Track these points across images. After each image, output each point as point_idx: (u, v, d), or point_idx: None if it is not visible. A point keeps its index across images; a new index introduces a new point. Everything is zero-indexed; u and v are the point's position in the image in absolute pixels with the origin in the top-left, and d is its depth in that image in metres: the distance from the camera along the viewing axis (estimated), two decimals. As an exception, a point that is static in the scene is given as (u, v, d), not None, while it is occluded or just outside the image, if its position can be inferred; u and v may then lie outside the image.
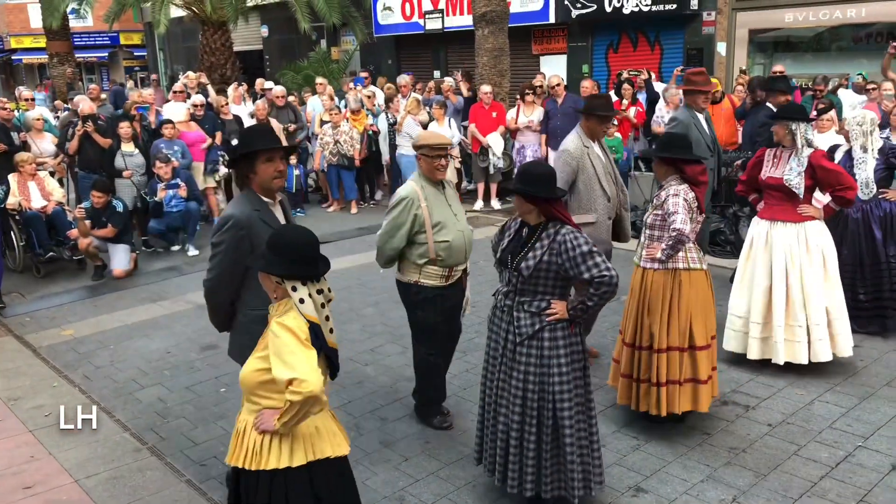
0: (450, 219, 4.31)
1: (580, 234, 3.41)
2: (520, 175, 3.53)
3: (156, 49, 25.11)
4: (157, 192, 8.73)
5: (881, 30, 11.40)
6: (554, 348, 3.47)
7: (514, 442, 3.55)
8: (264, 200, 3.52)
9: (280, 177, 3.50)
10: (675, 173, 4.29)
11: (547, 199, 3.43)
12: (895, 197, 5.82)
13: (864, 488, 3.87)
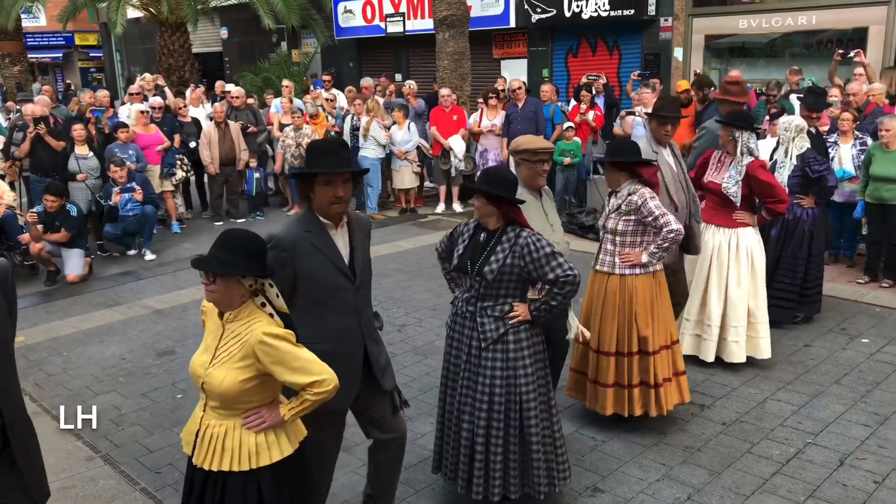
0: (545, 229, 3.97)
1: (540, 236, 3.45)
2: (484, 177, 3.53)
3: (112, 50, 24.65)
4: (112, 196, 8.58)
5: (830, 37, 11.69)
6: (519, 350, 3.50)
7: (479, 448, 3.55)
8: (322, 222, 3.15)
9: (338, 202, 3.08)
10: (629, 178, 4.34)
11: (510, 202, 3.45)
12: (809, 204, 6.01)
13: (813, 484, 3.97)
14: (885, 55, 10.77)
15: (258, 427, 2.70)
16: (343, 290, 3.17)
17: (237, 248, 2.65)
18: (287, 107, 11.06)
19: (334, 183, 3.05)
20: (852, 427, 4.54)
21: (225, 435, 2.71)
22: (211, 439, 2.73)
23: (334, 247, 3.16)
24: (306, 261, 3.10)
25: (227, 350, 2.67)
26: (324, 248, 3.13)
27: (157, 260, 8.86)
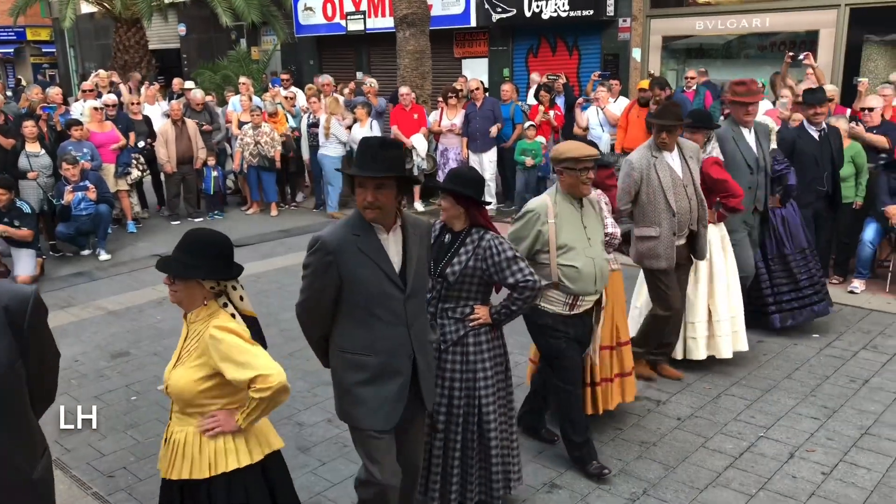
0: (580, 242, 3.83)
1: (504, 239, 3.46)
2: (452, 178, 3.51)
3: (66, 46, 24.12)
4: (65, 195, 8.39)
5: (783, 39, 11.95)
6: (478, 353, 3.50)
7: (437, 452, 3.55)
8: (371, 226, 2.93)
9: (371, 208, 2.86)
10: None
11: (477, 203, 3.45)
12: (774, 203, 6.13)
13: (765, 476, 4.05)
14: (835, 57, 11.05)
15: (212, 432, 2.63)
16: (392, 300, 2.94)
17: (200, 250, 2.63)
18: (246, 105, 10.94)
19: (365, 186, 2.83)
20: (802, 420, 4.65)
21: (185, 441, 2.66)
22: (174, 446, 2.69)
23: (383, 252, 2.93)
24: (352, 266, 2.89)
25: (188, 350, 2.65)
26: (371, 254, 2.91)
27: (112, 260, 8.69)
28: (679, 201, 4.78)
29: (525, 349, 5.71)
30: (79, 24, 19.70)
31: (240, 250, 2.80)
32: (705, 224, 4.95)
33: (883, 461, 4.17)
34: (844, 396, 4.95)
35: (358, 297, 2.92)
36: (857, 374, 5.28)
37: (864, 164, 6.84)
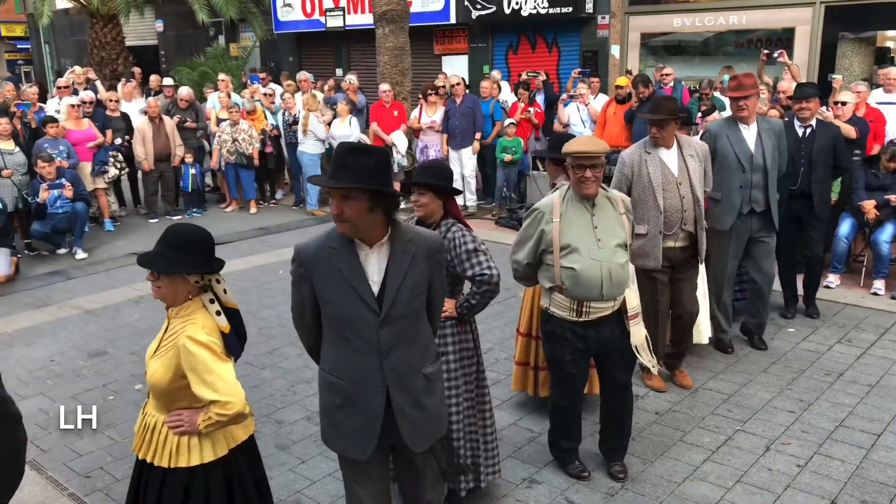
0: (586, 244, 3.61)
1: (469, 231, 3.46)
2: (428, 172, 3.53)
3: (41, 42, 23.80)
4: (40, 193, 8.28)
5: (760, 36, 12.06)
6: (442, 346, 3.50)
7: None
8: (351, 239, 2.66)
9: (338, 220, 2.59)
10: (563, 172, 4.41)
11: (449, 193, 3.47)
12: None
13: (741, 469, 4.10)
14: (811, 54, 11.17)
15: (175, 429, 2.67)
16: (363, 323, 2.66)
17: (183, 245, 2.64)
18: (225, 102, 10.87)
19: (334, 196, 2.58)
20: (778, 413, 4.71)
21: (154, 427, 2.74)
22: (146, 428, 2.76)
23: (359, 269, 2.65)
24: (324, 281, 2.67)
25: (166, 345, 2.68)
26: (345, 270, 2.64)
27: (89, 259, 8.60)
28: (669, 199, 4.67)
29: (503, 346, 5.75)
30: (54, 20, 19.41)
31: (219, 248, 2.78)
32: (702, 225, 4.78)
33: (857, 453, 4.23)
34: (819, 390, 5.01)
35: (330, 315, 2.73)
36: (832, 368, 5.34)
37: (839, 160, 6.91)
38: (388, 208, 2.64)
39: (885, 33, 11.47)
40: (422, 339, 2.83)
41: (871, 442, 4.35)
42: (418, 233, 2.82)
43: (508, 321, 6.20)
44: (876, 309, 6.48)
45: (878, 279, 6.83)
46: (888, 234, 6.78)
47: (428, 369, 2.84)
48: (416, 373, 2.79)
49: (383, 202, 2.60)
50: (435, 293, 2.88)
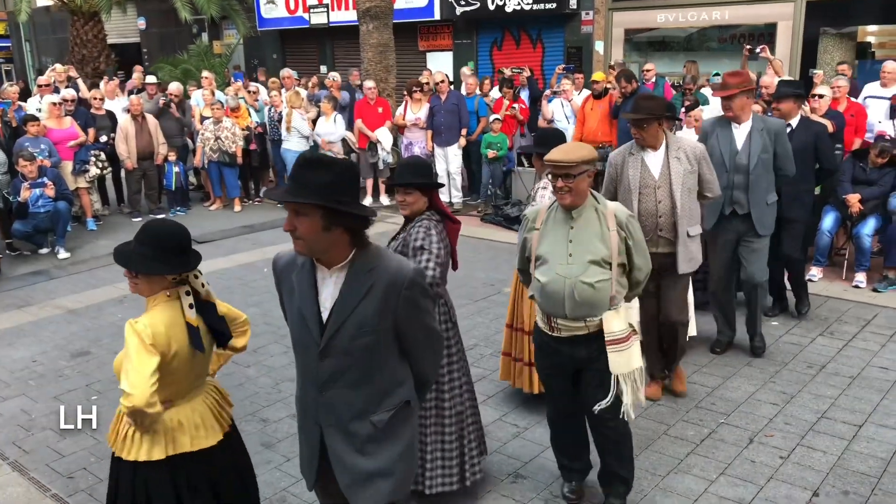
0: (556, 257, 3.33)
1: (431, 228, 3.42)
2: (411, 170, 3.52)
3: (21, 40, 23.57)
4: (22, 192, 8.21)
5: (743, 31, 12.14)
6: None
7: None
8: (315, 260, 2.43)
9: (294, 239, 2.35)
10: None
11: (435, 188, 3.49)
12: None
13: (725, 462, 4.12)
14: (793, 49, 11.25)
15: (127, 422, 2.71)
16: (307, 350, 2.46)
17: (159, 243, 2.65)
18: (209, 99, 10.80)
19: (288, 212, 2.33)
20: (761, 406, 4.74)
21: (117, 415, 2.80)
22: (117, 416, 2.81)
23: (311, 292, 2.43)
24: (285, 297, 2.55)
25: None
26: (299, 290, 2.45)
27: (72, 258, 8.53)
28: (644, 203, 4.44)
29: (489, 341, 5.75)
30: (35, 18, 19.25)
31: (203, 246, 2.79)
32: (684, 232, 4.43)
33: (839, 444, 4.27)
34: (802, 382, 5.05)
35: (289, 330, 2.59)
36: (814, 361, 5.39)
37: (821, 153, 6.96)
38: (352, 228, 2.33)
39: (865, 28, 11.58)
40: (376, 383, 2.46)
41: (853, 433, 4.39)
42: (387, 262, 2.40)
43: (494, 317, 6.21)
44: (858, 301, 6.54)
45: (860, 272, 6.89)
46: (870, 228, 6.84)
47: (378, 417, 2.46)
48: (361, 418, 2.46)
49: (342, 221, 2.29)
50: (412, 335, 2.47)
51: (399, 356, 2.50)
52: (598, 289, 3.27)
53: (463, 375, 3.72)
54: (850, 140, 7.71)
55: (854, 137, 7.72)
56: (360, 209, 2.34)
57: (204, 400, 2.86)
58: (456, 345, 3.69)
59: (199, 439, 2.79)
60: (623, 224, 3.33)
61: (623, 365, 3.32)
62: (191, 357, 2.71)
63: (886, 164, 6.83)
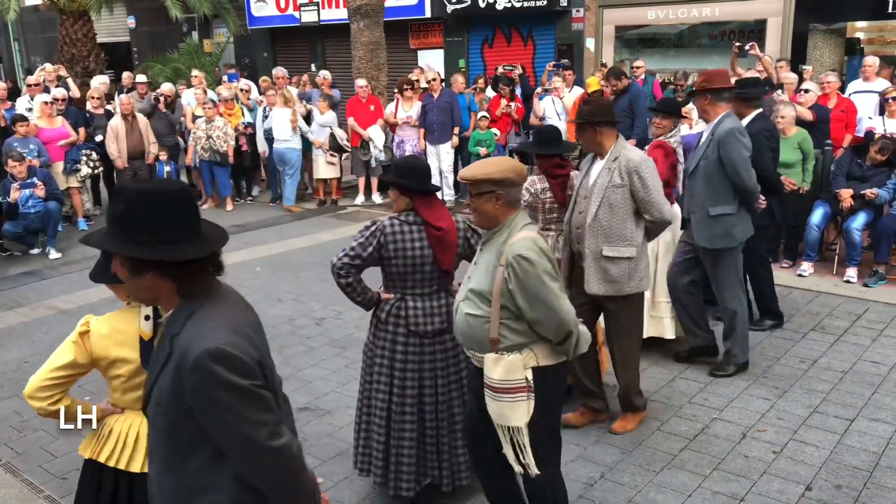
0: (465, 277, 3.12)
1: (373, 226, 3.44)
2: (394, 169, 3.53)
3: (10, 39, 23.44)
4: (11, 193, 8.16)
5: (734, 28, 12.19)
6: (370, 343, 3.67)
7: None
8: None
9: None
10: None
11: (418, 191, 3.46)
12: None
13: (718, 457, 4.14)
14: (783, 46, 11.30)
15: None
16: None
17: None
18: (201, 98, 10.77)
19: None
20: (754, 401, 4.76)
21: None
22: None
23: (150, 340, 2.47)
24: None
25: None
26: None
27: (63, 258, 8.50)
28: (575, 213, 4.22)
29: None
30: (24, 17, 19.16)
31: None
32: (597, 250, 4.10)
33: (831, 438, 4.30)
34: (794, 377, 5.08)
35: None
36: (806, 355, 5.42)
37: (810, 149, 7.01)
38: (168, 273, 1.86)
39: (854, 24, 11.64)
40: (179, 478, 1.92)
41: (845, 427, 4.41)
42: (189, 329, 1.84)
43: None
44: (849, 296, 6.58)
45: (851, 267, 6.93)
46: (860, 222, 6.88)
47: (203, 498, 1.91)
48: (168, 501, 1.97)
49: (152, 265, 1.84)
50: (217, 437, 1.84)
51: (212, 457, 1.88)
52: (470, 324, 2.95)
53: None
54: (840, 136, 7.77)
55: (845, 133, 7.78)
56: (154, 252, 1.82)
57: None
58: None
59: (122, 458, 2.70)
60: (508, 261, 2.82)
61: (498, 416, 2.90)
62: (136, 369, 2.61)
63: (883, 163, 6.87)
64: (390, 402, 3.57)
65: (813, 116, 7.41)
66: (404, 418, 3.55)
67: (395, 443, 3.57)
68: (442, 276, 3.51)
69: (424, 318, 3.52)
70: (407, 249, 3.41)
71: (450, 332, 3.52)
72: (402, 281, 3.50)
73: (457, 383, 3.63)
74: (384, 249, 3.41)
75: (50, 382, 2.51)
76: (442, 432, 3.59)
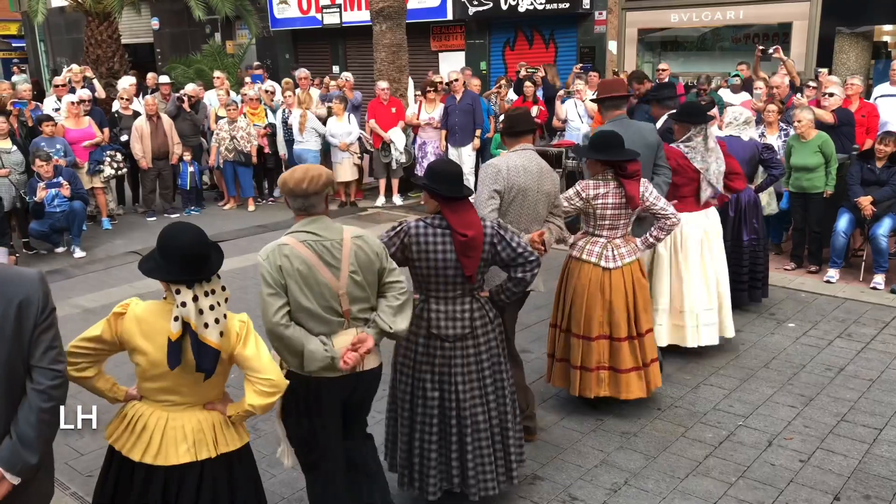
0: None
1: (399, 227, 3.46)
2: (426, 173, 3.52)
3: (36, 40, 23.72)
4: (37, 192, 8.26)
5: (757, 31, 12.08)
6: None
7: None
8: None
9: None
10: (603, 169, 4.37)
11: (447, 197, 3.43)
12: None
13: (743, 464, 4.10)
14: (808, 49, 11.19)
15: None
16: None
17: (161, 245, 2.66)
18: (224, 99, 10.84)
19: None
20: (780, 409, 4.71)
21: None
22: None
23: None
24: None
25: None
26: None
27: (87, 257, 8.59)
28: None
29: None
30: (49, 18, 19.36)
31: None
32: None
33: (859, 448, 4.24)
34: (821, 385, 5.02)
35: None
36: (832, 363, 5.35)
37: (832, 153, 6.92)
38: None
39: (881, 27, 11.50)
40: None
41: (874, 436, 4.35)
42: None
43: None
44: (875, 303, 6.49)
45: (878, 273, 6.84)
46: (886, 228, 6.79)
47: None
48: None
49: None
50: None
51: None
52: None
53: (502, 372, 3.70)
54: (862, 140, 7.68)
55: (866, 138, 7.69)
56: None
57: (167, 419, 2.74)
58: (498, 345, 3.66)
59: (127, 444, 2.72)
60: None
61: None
62: (155, 363, 2.64)
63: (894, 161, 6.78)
64: (413, 402, 3.58)
65: (834, 119, 7.33)
66: (426, 420, 3.55)
67: (419, 444, 3.56)
68: (465, 280, 3.49)
69: (446, 321, 3.51)
70: (430, 252, 3.40)
71: (472, 337, 3.52)
72: (426, 283, 3.50)
73: (479, 390, 3.59)
74: (407, 251, 3.42)
75: (76, 349, 2.69)
76: (465, 439, 3.55)
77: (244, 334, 2.72)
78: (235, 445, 2.84)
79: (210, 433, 2.78)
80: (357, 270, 3.13)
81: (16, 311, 2.21)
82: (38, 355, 2.28)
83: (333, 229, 3.16)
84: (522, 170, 4.05)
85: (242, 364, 2.73)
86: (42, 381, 2.27)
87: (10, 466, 2.25)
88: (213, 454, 2.76)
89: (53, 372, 2.30)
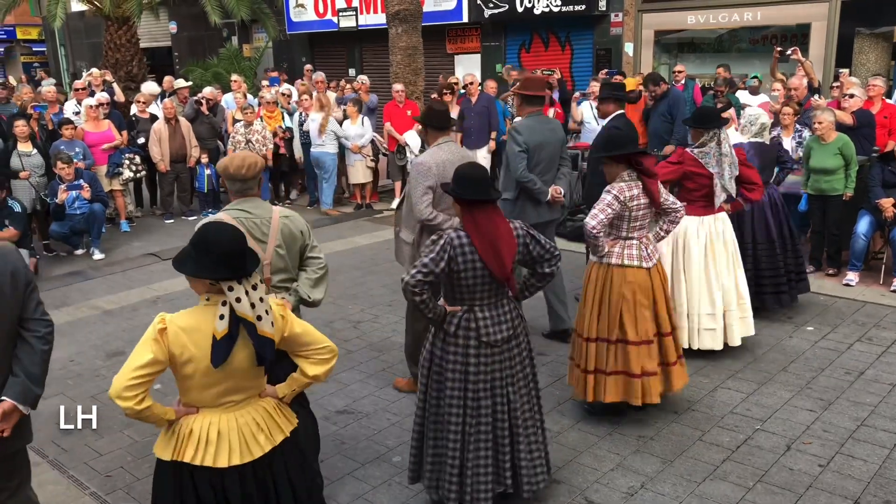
0: None
1: (449, 239, 3.40)
2: (454, 178, 3.50)
3: (56, 45, 23.99)
4: (58, 194, 8.35)
5: (775, 32, 11.99)
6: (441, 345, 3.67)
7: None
8: None
9: None
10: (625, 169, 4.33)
11: (470, 202, 3.44)
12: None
13: (761, 469, 4.07)
14: (827, 50, 11.09)
15: None
16: None
17: (199, 245, 2.64)
18: (241, 102, 10.91)
19: None
20: (798, 413, 4.67)
21: None
22: None
23: None
24: None
25: None
26: None
27: (106, 259, 8.67)
28: None
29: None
30: (69, 23, 19.59)
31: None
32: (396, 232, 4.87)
33: (879, 452, 4.19)
34: (840, 388, 4.97)
35: None
36: (852, 367, 5.30)
37: (852, 155, 6.86)
38: None
39: (902, 28, 11.37)
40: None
41: (894, 441, 4.30)
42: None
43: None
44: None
45: (898, 276, 6.77)
46: (907, 231, 6.72)
47: None
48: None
49: None
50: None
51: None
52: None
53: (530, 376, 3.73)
54: (884, 142, 7.60)
55: (887, 140, 7.61)
56: None
57: (236, 418, 2.75)
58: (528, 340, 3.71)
59: (207, 456, 2.69)
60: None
61: None
62: (210, 367, 2.61)
63: None
64: (464, 416, 3.52)
65: (853, 121, 7.26)
66: (479, 429, 3.52)
67: (472, 459, 3.52)
68: (504, 283, 3.48)
69: (494, 326, 3.51)
70: (476, 261, 3.38)
71: (516, 337, 3.57)
72: (471, 293, 3.47)
73: (525, 388, 3.63)
74: (454, 262, 3.38)
75: (134, 381, 2.53)
76: (518, 439, 3.57)
77: (287, 316, 2.78)
78: (295, 422, 2.95)
79: (276, 416, 2.87)
80: (282, 244, 3.53)
81: (10, 278, 2.78)
82: (31, 309, 2.88)
83: (264, 208, 3.54)
84: (448, 163, 4.33)
85: (295, 342, 2.79)
86: (39, 329, 2.91)
87: (24, 399, 2.87)
88: (287, 433, 2.87)
89: (45, 321, 2.94)
